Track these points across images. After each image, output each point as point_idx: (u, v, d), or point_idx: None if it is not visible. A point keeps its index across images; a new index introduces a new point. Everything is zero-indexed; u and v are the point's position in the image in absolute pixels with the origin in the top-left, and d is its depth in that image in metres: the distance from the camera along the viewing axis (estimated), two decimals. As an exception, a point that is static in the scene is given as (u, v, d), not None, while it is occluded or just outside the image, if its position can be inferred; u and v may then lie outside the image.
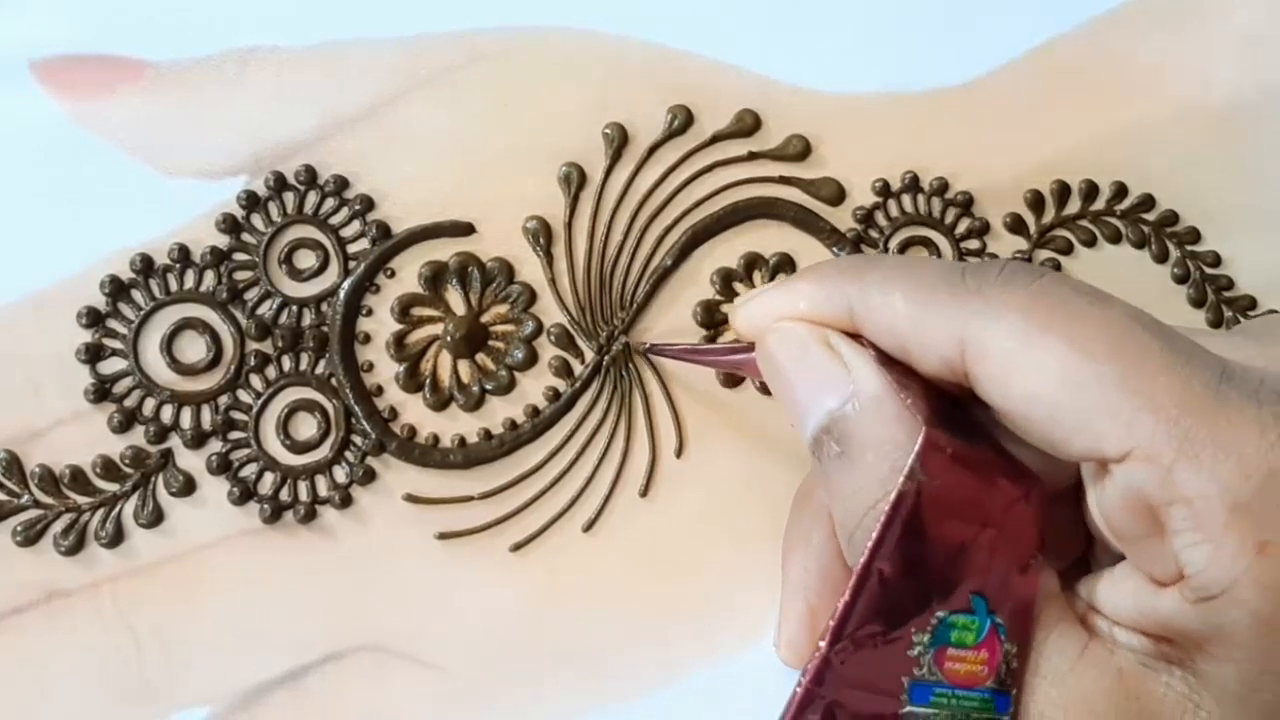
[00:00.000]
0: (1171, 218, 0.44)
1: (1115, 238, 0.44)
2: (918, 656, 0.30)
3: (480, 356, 0.41)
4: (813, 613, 0.36)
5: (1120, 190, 0.44)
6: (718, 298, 0.42)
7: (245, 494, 0.39)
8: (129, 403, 0.39)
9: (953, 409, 0.32)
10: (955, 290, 0.31)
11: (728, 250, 0.43)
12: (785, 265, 0.43)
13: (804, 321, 0.33)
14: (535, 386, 0.41)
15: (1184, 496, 0.28)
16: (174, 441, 0.40)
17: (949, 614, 0.30)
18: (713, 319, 0.42)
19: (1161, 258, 0.44)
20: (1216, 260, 0.44)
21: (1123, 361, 0.28)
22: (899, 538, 0.30)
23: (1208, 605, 0.28)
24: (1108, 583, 0.31)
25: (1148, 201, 0.44)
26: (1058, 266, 0.43)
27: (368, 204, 0.41)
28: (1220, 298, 0.44)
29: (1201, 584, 0.28)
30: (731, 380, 0.42)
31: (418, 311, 0.41)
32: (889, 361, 0.32)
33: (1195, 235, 0.44)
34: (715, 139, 0.43)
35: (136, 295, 0.40)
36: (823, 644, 0.30)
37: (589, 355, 0.42)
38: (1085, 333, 0.29)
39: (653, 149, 0.43)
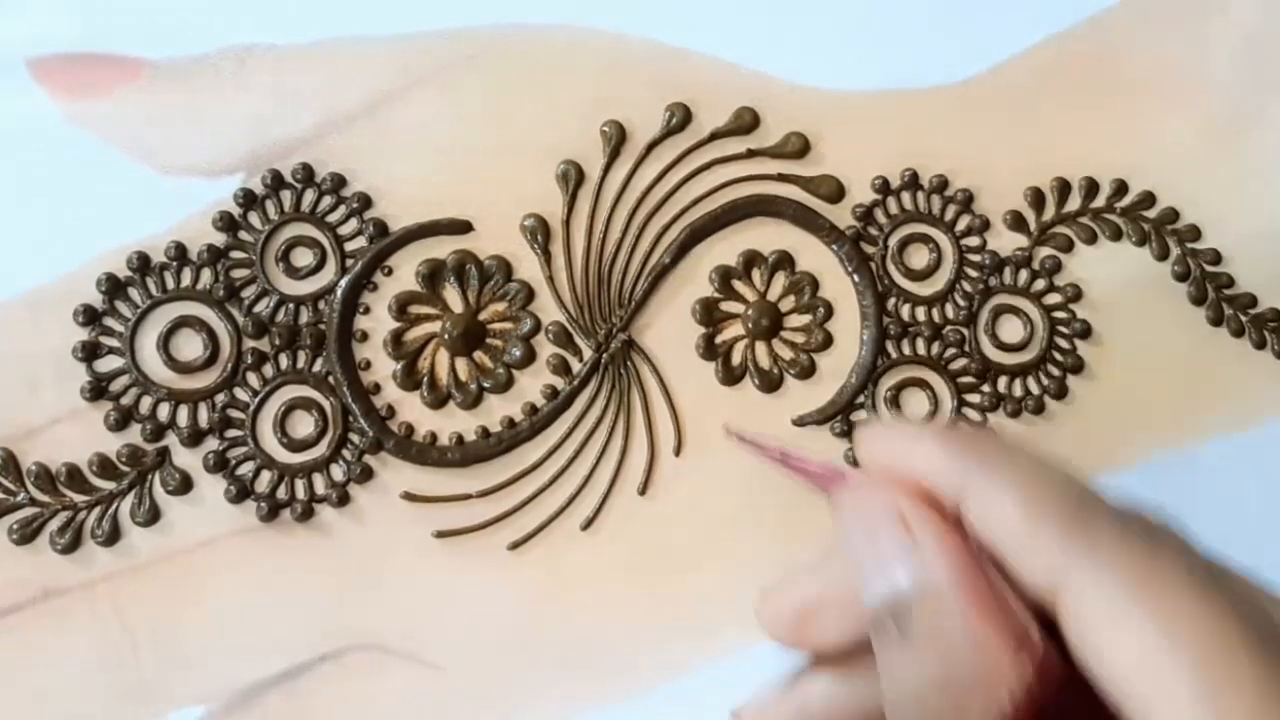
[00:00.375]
0: (1172, 215, 0.44)
1: (1116, 235, 0.44)
2: None
3: (478, 354, 0.41)
4: (820, 598, 0.33)
5: (1121, 187, 0.44)
6: (716, 295, 0.42)
7: (242, 492, 0.39)
8: (126, 400, 0.39)
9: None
10: (1065, 525, 0.29)
11: (727, 248, 0.43)
12: (784, 263, 0.42)
13: (895, 482, 0.31)
14: (533, 384, 0.41)
15: None
16: (171, 439, 0.39)
17: None
18: (711, 316, 0.42)
19: (1162, 255, 0.44)
20: (1217, 258, 0.44)
21: (1205, 668, 0.26)
22: None
23: None
24: None
25: (1148, 199, 0.44)
26: (1058, 265, 0.43)
27: (365, 202, 0.41)
28: (1220, 295, 0.44)
29: None
30: (730, 379, 0.42)
31: (415, 309, 0.41)
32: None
33: (1196, 233, 0.44)
34: (714, 136, 0.43)
35: (133, 293, 0.40)
36: None
37: (587, 353, 0.42)
38: (1181, 623, 0.27)
39: (651, 146, 0.42)
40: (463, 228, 0.41)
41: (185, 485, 0.39)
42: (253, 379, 0.40)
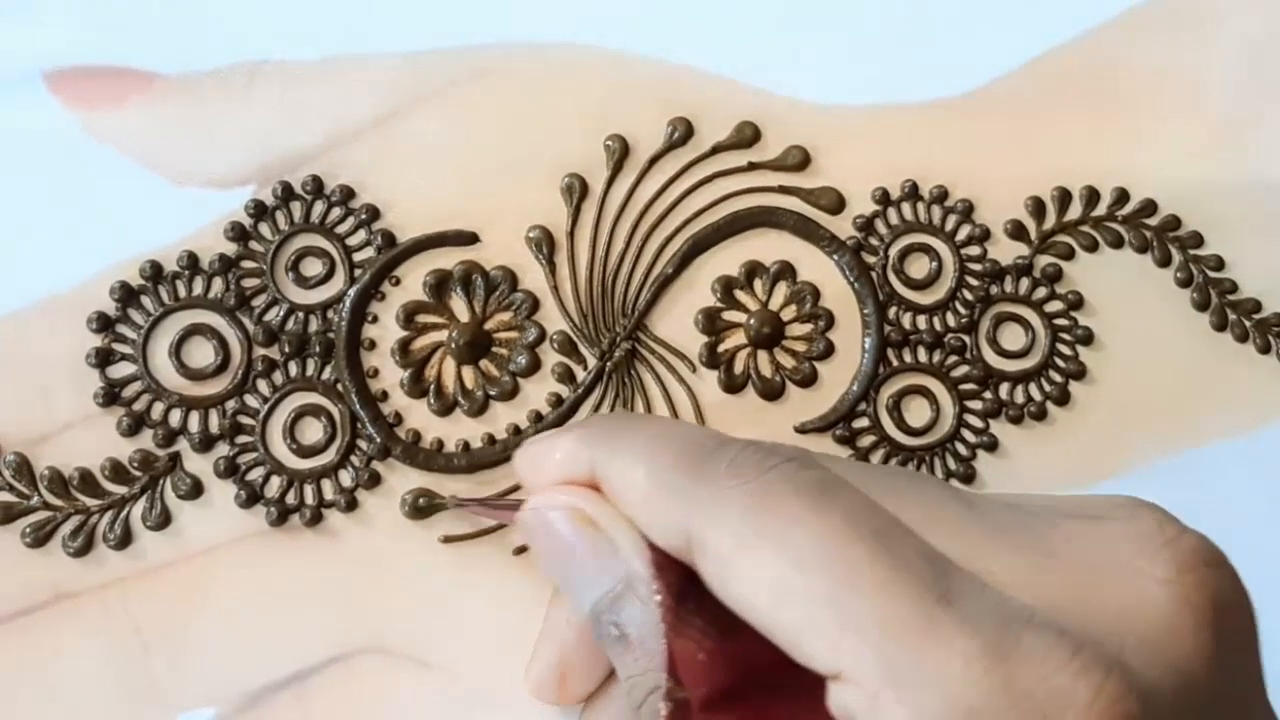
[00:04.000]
0: (1174, 222, 0.44)
1: (1118, 243, 0.44)
2: None
3: (484, 363, 0.42)
4: (563, 661, 0.35)
5: (1122, 196, 0.44)
6: (719, 305, 0.43)
7: (252, 497, 0.40)
8: (138, 406, 0.40)
9: None
10: (688, 475, 0.29)
11: (728, 258, 0.43)
12: (785, 273, 0.43)
13: (567, 490, 0.32)
14: (538, 392, 0.42)
15: None
16: (182, 445, 0.40)
17: None
18: (714, 326, 0.43)
19: (1164, 262, 0.44)
20: (1220, 264, 0.44)
21: (830, 576, 0.26)
22: None
23: None
24: None
25: (1150, 206, 0.44)
26: (1059, 273, 0.44)
27: (373, 213, 0.42)
28: (1224, 301, 0.44)
29: None
30: (732, 387, 0.42)
31: (422, 318, 0.42)
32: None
33: (1198, 239, 0.44)
34: (715, 150, 0.43)
35: (146, 301, 0.40)
36: None
37: (591, 361, 0.42)
38: (797, 541, 0.27)
39: (653, 160, 0.43)
40: (469, 239, 0.42)
41: (196, 490, 0.40)
42: (263, 386, 0.41)
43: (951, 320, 0.43)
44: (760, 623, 0.27)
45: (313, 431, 0.41)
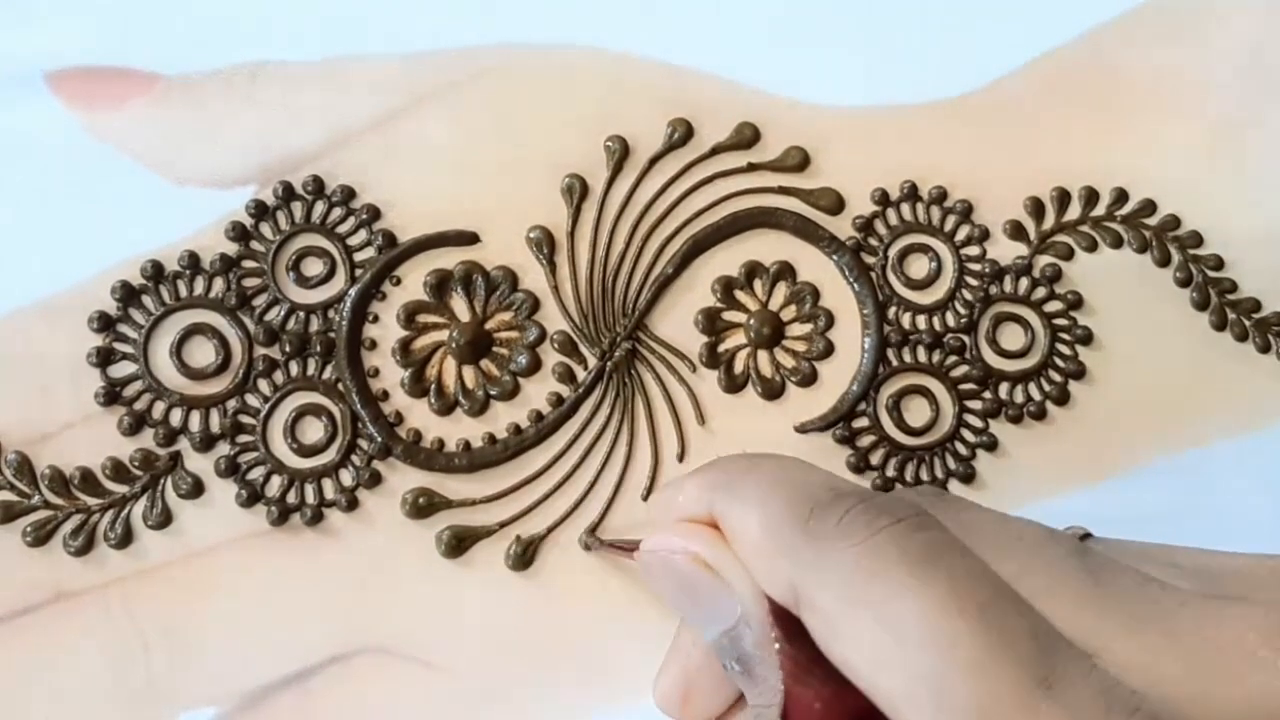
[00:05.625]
0: (1173, 222, 0.44)
1: (1117, 243, 0.44)
2: None
3: (485, 362, 0.42)
4: (688, 681, 0.34)
5: (1121, 196, 0.44)
6: (719, 305, 0.43)
7: (253, 496, 0.40)
8: (139, 406, 0.40)
9: None
10: (798, 530, 0.29)
11: (728, 258, 0.43)
12: (785, 273, 0.43)
13: (686, 532, 0.31)
14: (539, 391, 0.42)
15: None
16: (183, 444, 0.40)
17: None
18: (714, 326, 0.43)
19: (1164, 262, 0.44)
20: (1219, 264, 0.44)
21: (929, 652, 0.26)
22: None
23: None
24: None
25: (1149, 206, 0.44)
26: (1059, 273, 0.44)
27: (374, 214, 0.42)
28: (1224, 301, 0.44)
29: None
30: (732, 387, 0.42)
31: (423, 318, 0.42)
32: None
33: (1198, 239, 0.44)
34: (715, 151, 0.44)
35: (147, 301, 0.41)
36: None
37: (592, 361, 0.42)
38: (898, 612, 0.26)
39: (654, 161, 0.43)
40: (470, 239, 0.42)
41: (197, 489, 0.40)
42: (264, 385, 0.41)
43: (951, 320, 0.43)
44: (861, 686, 0.27)
45: (313, 431, 0.41)
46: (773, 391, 0.43)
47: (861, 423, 0.43)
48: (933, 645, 0.26)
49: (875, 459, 0.42)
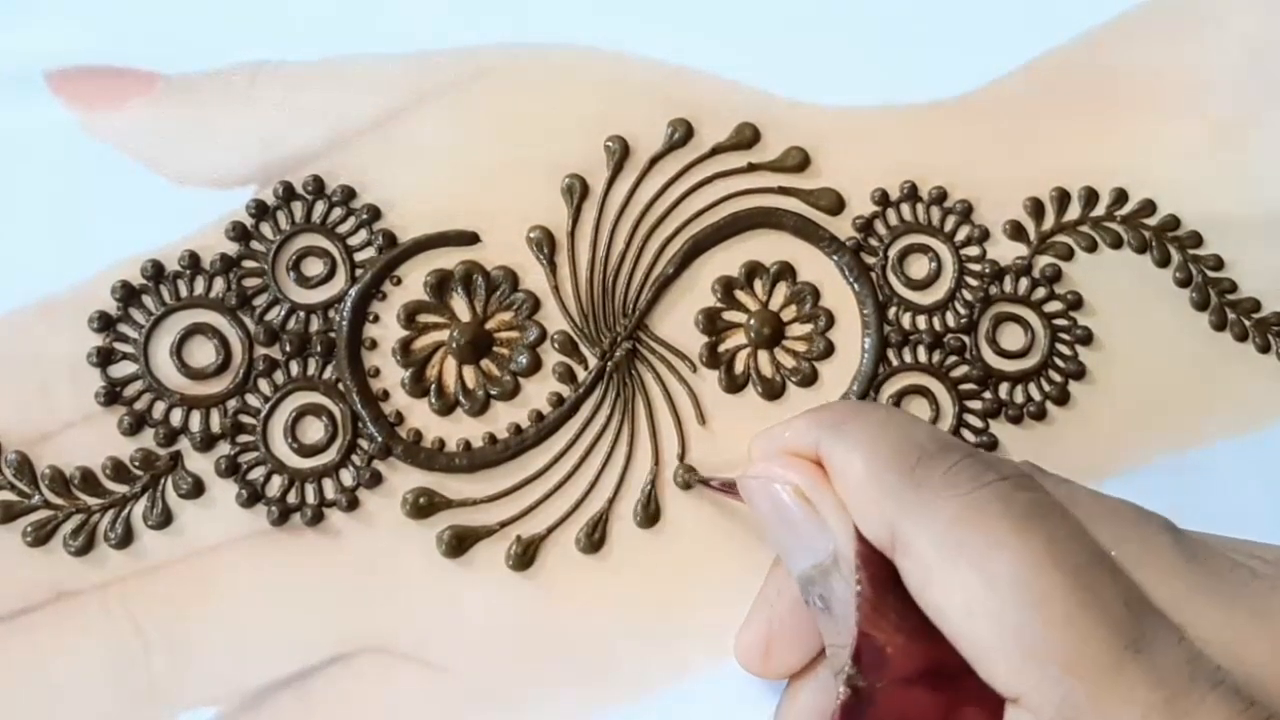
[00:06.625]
0: (1173, 222, 0.45)
1: (1117, 243, 0.44)
2: None
3: (485, 362, 0.42)
4: (771, 631, 0.36)
5: (1121, 196, 0.44)
6: (719, 305, 0.43)
7: (253, 496, 0.40)
8: (139, 406, 0.40)
9: None
10: (902, 474, 0.30)
11: (728, 259, 0.43)
12: (785, 273, 0.43)
13: (790, 464, 0.33)
14: (539, 391, 0.42)
15: None
16: (183, 444, 0.40)
17: None
18: (714, 326, 0.43)
19: (1163, 262, 0.44)
20: (1219, 264, 0.44)
21: (1023, 603, 0.27)
22: None
23: None
24: None
25: (1148, 206, 0.45)
26: (1058, 273, 0.44)
27: (374, 214, 0.42)
28: (1224, 301, 0.44)
29: None
30: (732, 387, 0.42)
31: (423, 318, 0.42)
32: None
33: (1197, 239, 0.45)
34: (715, 151, 0.44)
35: (147, 301, 0.41)
36: None
37: (592, 361, 0.42)
38: (996, 562, 0.27)
39: (654, 161, 0.43)
40: (470, 239, 0.42)
41: (197, 489, 0.40)
42: (264, 385, 0.41)
43: (951, 320, 0.43)
44: (949, 633, 0.28)
45: (314, 431, 0.41)
46: (773, 392, 0.43)
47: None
48: (1026, 598, 0.27)
49: (875, 459, 0.42)
